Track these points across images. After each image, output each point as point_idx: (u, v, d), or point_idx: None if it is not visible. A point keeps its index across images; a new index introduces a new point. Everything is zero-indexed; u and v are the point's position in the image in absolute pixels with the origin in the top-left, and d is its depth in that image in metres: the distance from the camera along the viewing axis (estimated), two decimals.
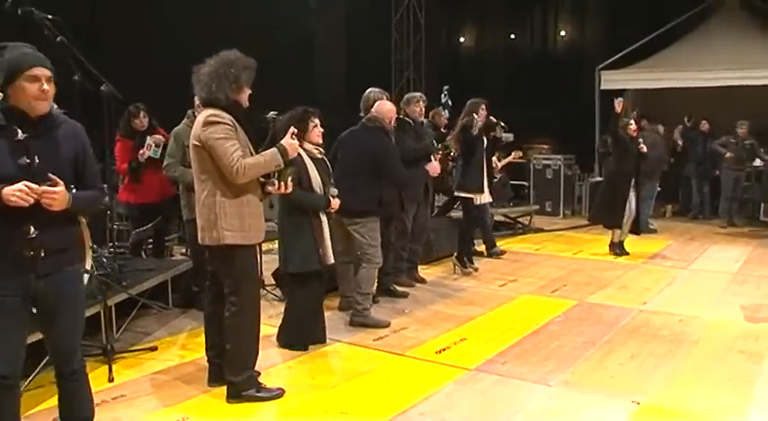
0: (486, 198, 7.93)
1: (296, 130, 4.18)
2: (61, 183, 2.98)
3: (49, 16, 4.59)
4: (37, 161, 2.97)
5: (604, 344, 5.39)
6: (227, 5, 10.99)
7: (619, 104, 8.71)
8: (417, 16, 15.79)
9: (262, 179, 4.15)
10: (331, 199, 5.12)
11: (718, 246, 9.87)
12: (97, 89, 5.03)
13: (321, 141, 5.22)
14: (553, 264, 8.54)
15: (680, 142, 12.18)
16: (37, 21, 4.59)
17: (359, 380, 4.62)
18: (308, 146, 5.04)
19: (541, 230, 11.08)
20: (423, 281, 7.50)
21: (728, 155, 11.29)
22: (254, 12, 11.29)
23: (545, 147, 13.22)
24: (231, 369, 4.17)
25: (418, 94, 7.41)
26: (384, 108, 6.12)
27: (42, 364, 4.25)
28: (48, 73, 3.04)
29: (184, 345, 5.32)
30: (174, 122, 6.33)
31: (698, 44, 13.31)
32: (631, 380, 4.62)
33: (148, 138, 6.71)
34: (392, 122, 6.19)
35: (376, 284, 6.22)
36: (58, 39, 4.63)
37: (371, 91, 6.58)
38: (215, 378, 4.39)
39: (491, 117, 7.88)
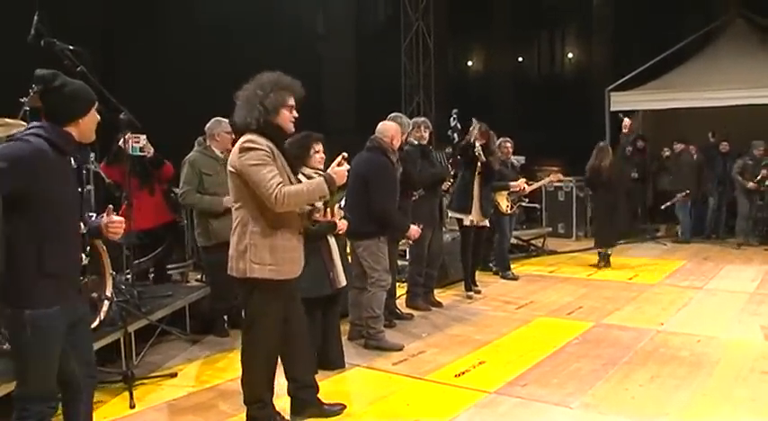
0: (480, 221, 7.83)
1: (346, 155, 3.94)
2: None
3: (71, 47, 4.68)
4: (87, 188, 3.02)
5: (623, 366, 5.37)
6: (238, 33, 11.11)
7: (626, 125, 9.18)
8: (426, 41, 15.88)
9: (308, 207, 4.03)
10: (336, 222, 5.00)
11: (733, 265, 9.83)
12: (116, 118, 5.11)
13: (322, 167, 4.93)
14: (568, 286, 8.52)
15: (695, 160, 12.15)
16: (58, 52, 4.67)
17: (379, 405, 4.62)
18: (307, 170, 4.80)
19: (555, 252, 11.07)
20: (439, 304, 7.48)
21: (751, 185, 11.29)
22: (265, 38, 11.42)
23: (555, 169, 13.19)
24: (245, 396, 4.10)
25: (422, 119, 7.39)
26: (384, 128, 6.08)
27: None
28: None
29: (203, 372, 5.33)
30: (185, 151, 6.41)
31: (707, 64, 13.36)
32: (652, 402, 4.60)
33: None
34: (394, 142, 6.03)
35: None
36: (78, 69, 4.71)
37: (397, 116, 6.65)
38: (296, 411, 4.33)
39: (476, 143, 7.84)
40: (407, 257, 7.66)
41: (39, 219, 2.92)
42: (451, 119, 8.11)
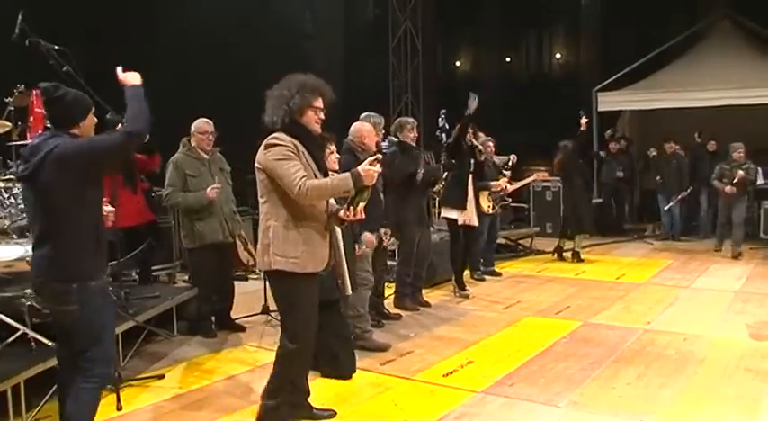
0: (471, 219, 7.86)
1: (380, 157, 3.86)
2: None
3: (56, 47, 4.65)
4: None
5: (611, 365, 5.39)
6: (226, 32, 11.05)
7: (584, 124, 9.61)
8: (414, 41, 15.90)
9: (335, 205, 4.04)
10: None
11: (719, 264, 9.89)
12: (102, 117, 5.08)
13: (336, 167, 5.02)
14: (555, 286, 8.55)
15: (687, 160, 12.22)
16: (43, 51, 4.64)
17: (367, 405, 4.63)
18: None
19: (542, 252, 11.07)
20: (427, 304, 7.49)
21: (728, 189, 11.35)
22: (252, 38, 11.36)
23: (543, 169, 13.22)
24: (267, 391, 4.05)
25: (411, 119, 7.41)
26: (354, 128, 6.06)
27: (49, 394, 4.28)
28: None
29: (191, 373, 5.31)
30: (173, 151, 6.39)
31: (693, 65, 13.46)
32: (639, 400, 4.63)
33: None
34: (366, 142, 5.95)
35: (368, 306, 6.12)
36: (64, 69, 4.68)
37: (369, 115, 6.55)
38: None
39: (473, 140, 7.89)
40: (396, 257, 7.64)
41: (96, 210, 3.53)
42: (440, 119, 8.09)
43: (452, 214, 7.83)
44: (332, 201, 4.07)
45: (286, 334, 3.97)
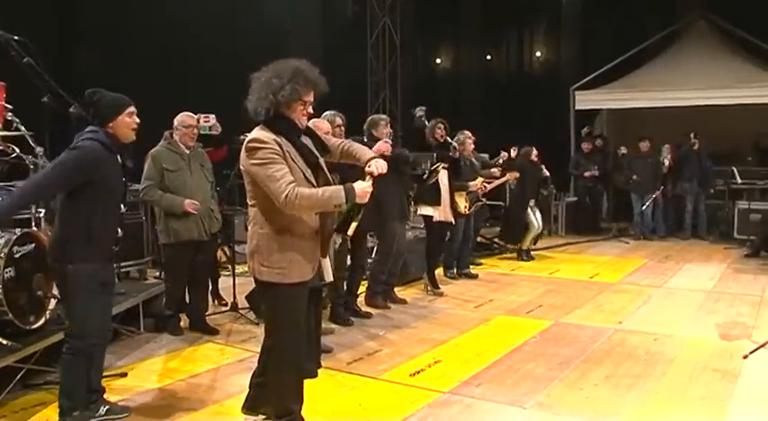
0: (447, 216, 7.85)
1: (375, 173, 3.57)
2: None
3: (16, 37, 4.55)
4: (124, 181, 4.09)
5: (579, 365, 5.36)
6: (198, 25, 10.95)
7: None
8: (393, 37, 15.84)
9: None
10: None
11: (693, 264, 9.93)
12: (66, 111, 4.98)
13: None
14: (529, 285, 8.52)
15: (666, 162, 12.26)
16: (3, 43, 4.54)
17: (330, 405, 4.55)
18: None
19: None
20: (403, 301, 7.46)
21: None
22: (228, 33, 11.28)
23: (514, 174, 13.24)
24: (273, 408, 3.89)
25: (384, 116, 7.31)
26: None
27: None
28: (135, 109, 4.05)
29: (155, 371, 5.22)
30: (152, 144, 6.22)
31: (669, 65, 13.55)
32: (606, 402, 4.59)
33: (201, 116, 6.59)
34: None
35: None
36: (25, 60, 4.58)
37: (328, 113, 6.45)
38: (249, 405, 4.14)
39: (447, 138, 7.82)
40: (374, 254, 7.57)
41: (89, 200, 3.87)
42: (419, 116, 8.05)
43: (428, 211, 7.80)
44: None
45: (276, 347, 3.76)
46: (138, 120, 4.05)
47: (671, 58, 13.82)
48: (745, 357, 5.44)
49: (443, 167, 7.72)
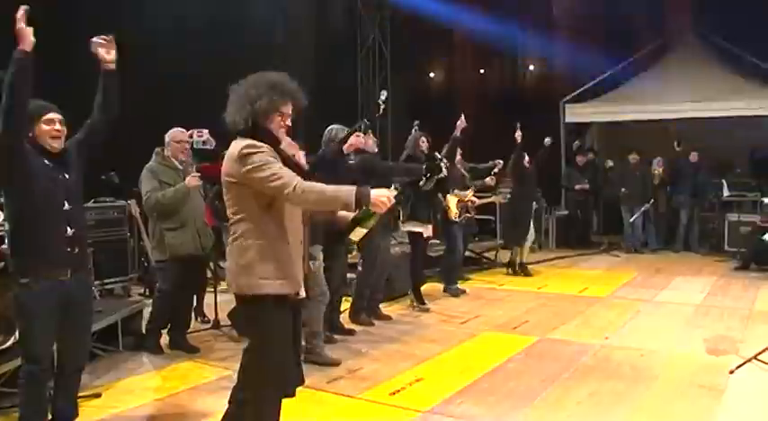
0: (431, 233, 7.90)
1: (399, 188, 3.53)
2: None
3: None
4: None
5: (564, 382, 5.27)
6: (188, 41, 10.89)
7: (519, 137, 9.72)
8: (383, 52, 15.80)
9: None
10: None
11: (683, 277, 9.85)
12: None
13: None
14: (516, 300, 8.44)
15: (656, 173, 12.22)
16: None
17: None
18: None
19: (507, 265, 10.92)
20: (387, 318, 7.39)
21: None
22: (218, 48, 11.20)
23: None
24: None
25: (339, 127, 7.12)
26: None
27: None
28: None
29: (131, 391, 5.12)
30: (140, 158, 6.17)
31: (659, 78, 13.52)
32: (588, 420, 4.50)
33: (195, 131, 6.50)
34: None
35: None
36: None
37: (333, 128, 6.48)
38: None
39: (435, 153, 7.79)
40: (358, 269, 7.45)
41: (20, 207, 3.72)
42: (413, 130, 8.01)
43: (417, 228, 7.76)
44: None
45: (261, 366, 3.54)
46: (58, 128, 3.80)
47: (661, 71, 13.82)
48: (732, 372, 5.35)
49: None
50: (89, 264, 4.26)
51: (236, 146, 3.41)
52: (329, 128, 6.52)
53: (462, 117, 7.95)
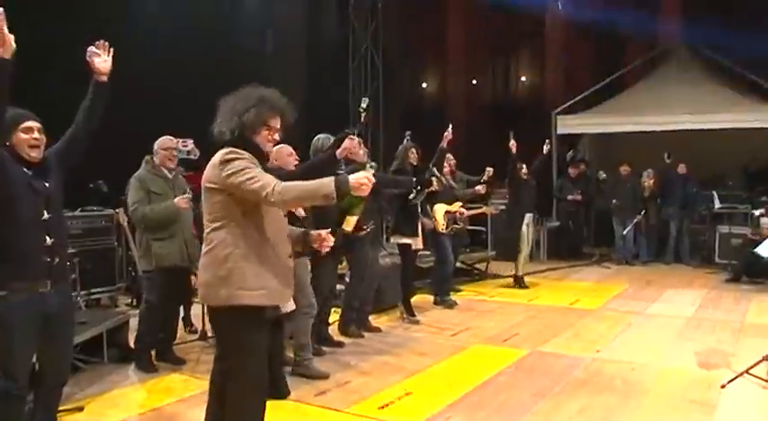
0: (421, 245, 7.87)
1: (375, 165, 3.44)
2: None
3: None
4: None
5: (554, 396, 5.20)
6: (175, 49, 10.83)
7: (513, 146, 9.63)
8: (375, 62, 15.79)
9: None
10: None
11: (674, 289, 9.81)
12: None
13: None
14: (507, 312, 8.36)
15: (646, 184, 12.20)
16: None
17: None
18: None
19: (498, 276, 10.94)
20: (377, 330, 7.31)
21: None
22: (207, 56, 11.14)
23: (503, 191, 13.12)
24: None
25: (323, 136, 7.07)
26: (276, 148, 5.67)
27: None
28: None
29: (115, 404, 5.02)
30: (126, 169, 6.08)
31: (651, 89, 13.58)
32: None
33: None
34: (276, 162, 5.53)
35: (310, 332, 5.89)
36: None
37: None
38: None
39: (432, 167, 7.81)
40: (346, 280, 7.39)
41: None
42: (405, 140, 7.97)
43: (405, 240, 7.71)
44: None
45: (244, 384, 3.49)
46: (36, 136, 3.67)
47: (653, 82, 13.89)
48: (723, 387, 5.30)
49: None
50: (70, 274, 4.16)
51: (219, 153, 3.41)
52: (317, 137, 6.46)
53: (450, 128, 7.91)
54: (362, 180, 3.21)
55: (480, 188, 9.18)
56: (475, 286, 10.32)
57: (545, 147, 10.17)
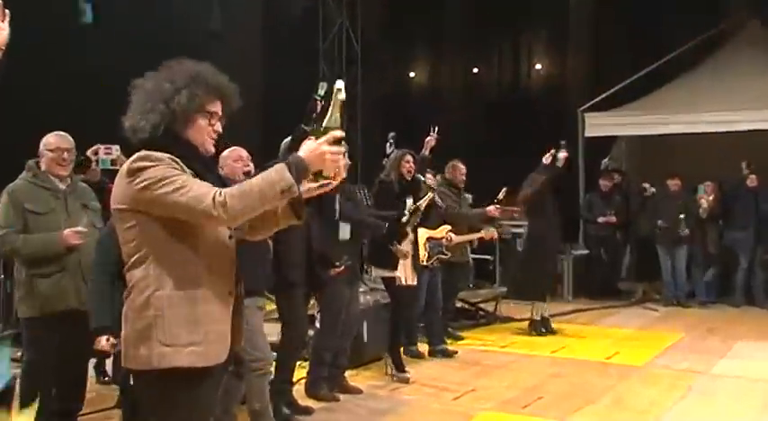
0: (410, 279, 7.72)
1: (338, 135, 2.93)
2: None
3: None
4: None
5: None
6: (97, 32, 10.74)
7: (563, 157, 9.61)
8: (352, 44, 15.69)
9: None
10: None
11: (745, 341, 9.63)
12: None
13: None
14: (525, 368, 8.21)
15: (704, 203, 12.06)
16: None
17: None
18: None
19: (511, 319, 10.77)
20: (356, 391, 7.12)
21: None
22: (140, 37, 11.06)
23: (515, 209, 12.94)
24: None
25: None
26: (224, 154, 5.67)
27: None
28: None
29: None
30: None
31: (708, 80, 13.52)
32: None
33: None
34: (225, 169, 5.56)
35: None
36: None
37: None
38: None
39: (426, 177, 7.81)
40: (316, 325, 7.18)
41: None
42: (388, 144, 8.04)
43: (387, 273, 7.60)
44: None
45: None
46: None
47: (710, 71, 13.82)
48: None
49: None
50: None
51: (127, 162, 3.07)
52: (285, 140, 6.36)
53: (434, 132, 7.95)
54: (318, 151, 2.92)
55: (492, 209, 9.00)
56: (481, 332, 10.19)
57: (560, 154, 9.72)
